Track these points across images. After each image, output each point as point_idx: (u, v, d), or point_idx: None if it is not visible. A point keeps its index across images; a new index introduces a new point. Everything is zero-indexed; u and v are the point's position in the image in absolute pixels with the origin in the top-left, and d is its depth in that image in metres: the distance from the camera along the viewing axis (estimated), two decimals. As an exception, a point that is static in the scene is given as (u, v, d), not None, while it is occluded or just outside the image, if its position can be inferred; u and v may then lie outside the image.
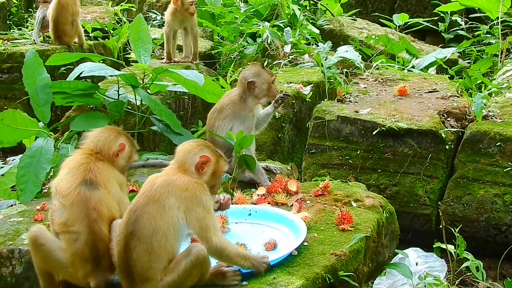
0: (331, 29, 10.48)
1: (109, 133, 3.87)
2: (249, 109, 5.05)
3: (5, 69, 8.34)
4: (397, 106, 6.51)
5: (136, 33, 6.22)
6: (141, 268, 3.35)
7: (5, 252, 4.01)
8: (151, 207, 3.36)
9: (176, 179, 3.44)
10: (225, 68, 9.55)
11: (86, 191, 3.55)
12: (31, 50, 5.62)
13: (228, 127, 5.01)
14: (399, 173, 6.03)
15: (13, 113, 5.12)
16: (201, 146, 3.64)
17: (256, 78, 5.04)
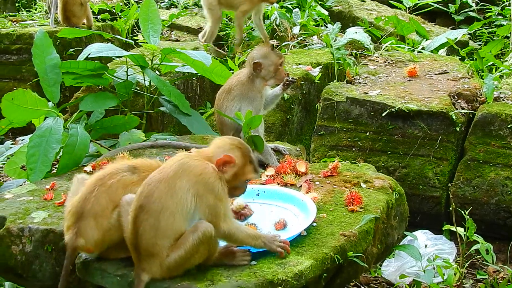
0: (340, 10, 10.41)
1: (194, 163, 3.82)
2: (257, 90, 5.02)
3: (14, 50, 8.33)
4: (407, 88, 6.47)
5: (145, 14, 6.19)
6: (146, 243, 3.34)
7: (15, 230, 4.01)
8: (163, 184, 3.35)
9: (193, 163, 3.40)
10: (233, 50, 9.51)
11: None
12: (40, 30, 5.60)
13: (236, 107, 4.98)
14: (408, 155, 6.01)
15: (23, 93, 5.10)
16: (233, 146, 3.55)
17: (263, 60, 5.00)
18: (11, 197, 4.47)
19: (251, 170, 3.59)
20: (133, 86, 5.91)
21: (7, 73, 8.37)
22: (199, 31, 9.95)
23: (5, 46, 8.39)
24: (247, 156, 3.56)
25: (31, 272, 3.99)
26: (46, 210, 4.18)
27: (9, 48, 8.37)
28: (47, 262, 3.95)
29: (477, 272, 5.46)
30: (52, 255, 3.94)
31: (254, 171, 3.60)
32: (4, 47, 8.39)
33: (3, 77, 8.40)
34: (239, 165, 3.51)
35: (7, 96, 5.00)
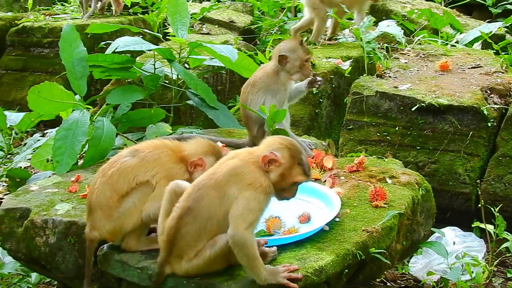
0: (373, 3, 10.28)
1: (202, 146, 3.80)
2: (282, 82, 4.97)
3: (46, 43, 8.41)
4: (438, 82, 6.37)
5: (174, 7, 6.18)
6: (185, 244, 3.32)
7: (39, 222, 4.04)
8: (214, 192, 3.29)
9: (245, 171, 3.31)
10: (265, 43, 9.47)
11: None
12: (68, 23, 5.62)
13: (260, 100, 4.95)
14: (438, 150, 5.92)
15: (50, 86, 5.13)
16: (281, 145, 3.40)
17: (290, 53, 4.95)
18: (36, 189, 4.50)
19: (300, 173, 3.40)
20: (161, 80, 5.91)
21: (39, 66, 8.45)
22: (230, 24, 9.95)
23: (37, 40, 8.47)
24: (296, 157, 3.39)
25: (54, 264, 4.02)
26: (70, 202, 4.20)
27: (41, 42, 8.45)
28: (70, 254, 3.97)
29: (507, 271, 5.36)
30: (75, 247, 3.95)
31: (303, 174, 3.41)
32: (37, 40, 8.48)
33: (35, 70, 8.49)
34: (286, 166, 3.36)
35: (34, 89, 5.04)
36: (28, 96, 5.04)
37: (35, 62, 8.51)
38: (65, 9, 10.26)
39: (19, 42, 8.60)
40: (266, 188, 3.32)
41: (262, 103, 4.93)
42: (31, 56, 8.54)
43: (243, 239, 3.23)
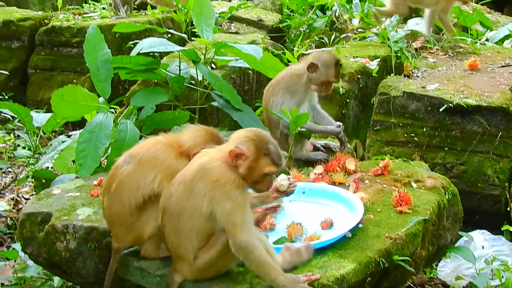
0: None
1: (199, 135, 3.72)
2: (302, 85, 4.93)
3: (74, 43, 8.44)
4: (466, 82, 6.27)
5: (199, 8, 6.14)
6: (171, 245, 3.36)
7: (60, 227, 4.04)
8: (182, 187, 3.31)
9: (211, 166, 3.31)
10: (294, 41, 9.41)
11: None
12: (92, 25, 5.62)
13: (280, 101, 4.93)
14: (467, 151, 5.82)
15: (73, 89, 5.13)
16: (246, 137, 3.37)
17: (321, 66, 4.88)
18: (59, 192, 4.50)
19: (268, 163, 3.34)
20: (186, 81, 5.88)
21: (67, 66, 8.49)
22: (258, 23, 9.91)
23: (66, 39, 8.51)
24: (262, 148, 3.34)
25: (75, 269, 4.02)
26: (91, 207, 4.20)
27: (70, 41, 8.49)
28: (90, 260, 3.97)
29: (538, 275, 5.26)
30: (95, 252, 3.96)
31: (272, 164, 3.35)
32: (65, 40, 8.52)
33: (64, 69, 8.54)
34: (253, 158, 3.32)
35: (57, 92, 5.03)
36: (52, 99, 5.04)
37: (64, 62, 8.54)
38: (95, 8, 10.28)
39: (48, 42, 8.65)
40: (235, 181, 3.29)
41: (281, 103, 4.89)
42: (59, 55, 8.58)
43: (243, 245, 3.22)
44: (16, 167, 7.18)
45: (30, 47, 8.85)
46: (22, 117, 5.97)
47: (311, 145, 5.08)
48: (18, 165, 7.18)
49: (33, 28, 8.89)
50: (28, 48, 8.85)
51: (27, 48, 8.85)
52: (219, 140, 3.70)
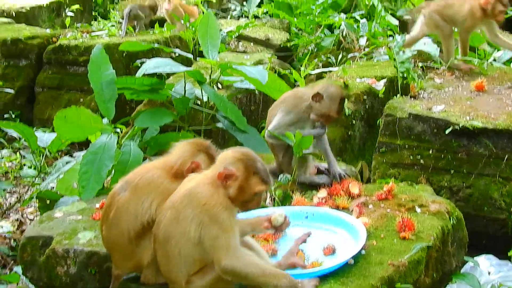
0: (411, 20, 10.15)
1: (187, 149, 3.72)
2: (302, 108, 4.89)
3: (81, 62, 8.43)
4: (473, 103, 6.22)
5: (204, 29, 6.15)
6: (163, 269, 3.36)
7: (61, 251, 4.04)
8: (170, 212, 3.32)
9: (199, 190, 3.30)
10: (301, 60, 9.40)
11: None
12: (97, 45, 5.63)
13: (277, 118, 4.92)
14: (473, 174, 5.76)
15: (77, 110, 5.13)
16: (234, 158, 3.38)
17: (326, 98, 4.83)
18: (60, 215, 4.50)
19: (257, 182, 3.35)
20: (192, 101, 5.88)
21: (74, 84, 8.49)
22: (266, 42, 9.90)
23: (73, 58, 8.51)
24: (251, 167, 3.35)
25: (75, 294, 4.00)
26: (93, 231, 4.19)
27: (77, 60, 8.48)
28: (90, 285, 3.98)
29: (546, 302, 5.19)
30: (96, 277, 3.95)
31: (261, 183, 3.36)
32: (73, 58, 8.52)
33: (71, 88, 8.53)
34: (242, 178, 3.32)
35: (60, 113, 5.04)
36: (55, 121, 5.04)
37: (71, 80, 8.54)
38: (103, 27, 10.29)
39: (56, 60, 8.65)
40: (223, 204, 3.28)
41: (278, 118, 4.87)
42: (67, 74, 8.58)
43: (229, 269, 3.22)
44: (22, 187, 7.17)
45: (37, 65, 8.84)
46: (27, 137, 5.98)
47: (315, 168, 5.05)
48: (23, 185, 7.17)
49: (41, 46, 8.89)
50: (36, 66, 8.85)
51: (35, 66, 8.85)
52: (207, 148, 3.70)
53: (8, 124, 6.04)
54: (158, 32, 9.45)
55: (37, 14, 12.14)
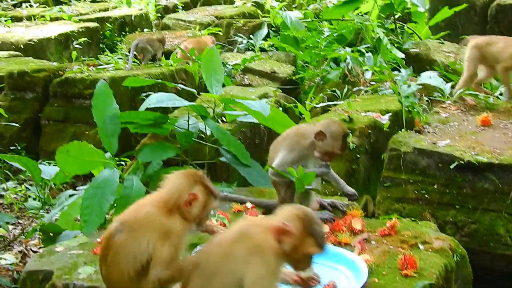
0: (417, 53, 10.16)
1: (183, 181, 3.69)
2: (304, 146, 4.84)
3: (87, 95, 8.46)
4: (478, 138, 6.19)
5: (208, 63, 6.18)
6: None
7: (60, 286, 4.00)
8: (221, 248, 3.30)
9: (254, 231, 3.32)
10: (307, 93, 9.42)
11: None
12: (101, 80, 5.67)
13: (279, 156, 4.89)
14: (478, 209, 5.71)
15: (79, 145, 5.13)
16: (294, 215, 3.34)
17: (329, 137, 4.75)
18: (62, 250, 4.47)
19: (312, 244, 3.30)
20: (195, 135, 5.89)
21: (80, 117, 8.52)
22: (271, 75, 9.93)
23: (79, 91, 8.56)
24: (309, 228, 3.30)
25: (74, 331, 3.96)
26: (93, 265, 4.15)
27: (83, 93, 8.53)
28: (88, 321, 3.92)
29: None
30: (95, 313, 3.90)
31: (316, 246, 3.31)
32: (78, 91, 8.56)
33: (76, 120, 8.57)
34: (299, 237, 3.27)
35: (62, 148, 5.04)
36: (57, 156, 5.05)
37: (77, 113, 8.58)
38: (110, 60, 10.38)
39: (61, 93, 8.69)
40: (276, 250, 3.24)
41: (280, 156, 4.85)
42: (72, 107, 8.63)
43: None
44: (26, 219, 7.17)
45: (43, 98, 8.90)
46: (31, 170, 5.96)
47: (318, 203, 5.02)
48: (28, 217, 7.17)
49: (47, 79, 8.95)
50: (42, 99, 8.91)
51: (41, 99, 8.91)
52: (201, 178, 3.65)
53: (12, 158, 6.04)
54: (164, 65, 9.50)
55: (45, 46, 12.29)
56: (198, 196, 3.58)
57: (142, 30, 14.64)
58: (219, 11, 14.90)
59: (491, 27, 12.09)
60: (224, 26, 13.38)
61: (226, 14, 14.51)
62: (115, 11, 15.74)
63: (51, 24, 13.60)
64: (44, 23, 13.91)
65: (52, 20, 14.37)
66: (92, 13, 15.62)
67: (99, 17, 14.84)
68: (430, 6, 12.28)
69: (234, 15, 14.50)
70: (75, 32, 12.93)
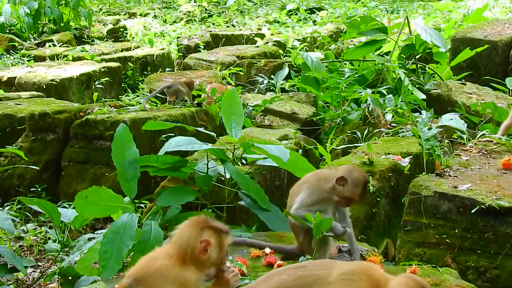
0: (439, 94, 10.14)
1: (191, 231, 3.68)
2: (325, 190, 4.85)
3: (108, 136, 8.47)
4: (500, 182, 6.13)
5: (228, 107, 6.19)
6: None
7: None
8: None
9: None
10: (328, 134, 9.41)
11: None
12: (121, 124, 5.68)
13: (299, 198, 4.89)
14: (500, 255, 5.64)
15: (98, 190, 5.13)
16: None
17: (350, 182, 4.81)
18: (79, 296, 4.45)
19: None
20: (214, 179, 5.88)
21: (100, 158, 8.50)
22: (292, 116, 9.93)
23: (99, 132, 8.55)
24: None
25: None
26: (110, 313, 4.13)
27: (103, 134, 8.52)
28: None
29: None
30: None
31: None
32: (99, 133, 8.56)
33: (97, 162, 8.54)
34: None
35: (81, 194, 5.04)
36: (75, 201, 5.05)
37: (97, 155, 8.55)
38: (131, 100, 10.44)
39: (82, 135, 8.68)
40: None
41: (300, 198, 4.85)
42: (93, 148, 8.60)
43: None
44: (46, 261, 7.17)
45: (64, 139, 8.89)
46: (50, 214, 5.97)
47: (336, 248, 4.99)
48: (47, 259, 7.17)
49: (68, 120, 8.95)
50: (63, 141, 8.90)
51: (62, 140, 8.89)
52: (208, 222, 3.65)
53: (31, 201, 6.05)
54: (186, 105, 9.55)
55: (67, 86, 12.37)
56: (210, 241, 3.57)
57: (164, 70, 14.72)
58: (241, 51, 14.95)
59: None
60: (246, 66, 13.42)
61: (247, 54, 14.54)
62: (137, 50, 15.82)
63: (74, 64, 13.68)
64: (66, 63, 14.00)
65: (75, 59, 14.46)
66: (114, 52, 15.69)
67: (121, 57, 14.90)
68: (451, 46, 12.27)
69: (255, 54, 14.53)
70: (97, 72, 12.98)
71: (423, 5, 22.34)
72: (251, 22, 20.14)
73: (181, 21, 21.06)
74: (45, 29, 17.78)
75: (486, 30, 12.80)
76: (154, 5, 23.62)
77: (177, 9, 23.13)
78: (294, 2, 22.12)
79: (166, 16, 21.68)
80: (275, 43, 15.90)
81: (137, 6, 23.58)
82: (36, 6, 17.27)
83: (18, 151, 7.50)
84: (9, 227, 5.76)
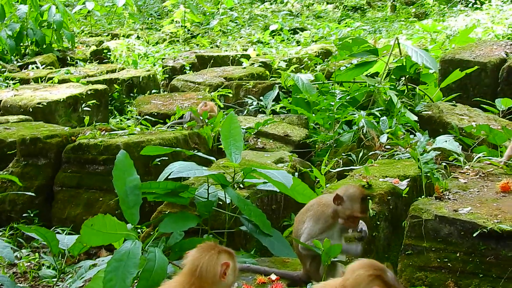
0: (430, 115, 10.18)
1: (209, 256, 3.67)
2: (328, 215, 4.91)
3: (101, 161, 8.42)
4: (499, 205, 6.14)
5: (227, 131, 6.16)
6: None
7: None
8: None
9: None
10: (320, 156, 9.41)
11: None
12: (122, 151, 5.63)
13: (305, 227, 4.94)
14: (502, 278, 5.62)
15: (103, 218, 5.08)
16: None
17: (347, 200, 4.88)
18: (84, 326, 4.39)
19: None
20: (214, 204, 5.85)
21: (93, 183, 8.43)
22: (285, 138, 9.93)
23: (92, 157, 8.47)
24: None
25: None
26: None
27: (96, 159, 8.44)
28: None
29: None
30: None
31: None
32: (92, 157, 8.47)
33: (90, 187, 8.46)
34: None
35: (87, 222, 4.99)
36: (82, 230, 5.00)
37: (90, 179, 8.47)
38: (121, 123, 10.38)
39: (75, 159, 8.59)
40: None
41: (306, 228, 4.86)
42: (86, 173, 8.52)
43: None
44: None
45: (56, 164, 8.81)
46: (49, 241, 5.89)
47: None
48: (42, 286, 7.08)
49: (59, 145, 8.87)
50: (54, 165, 8.81)
51: (54, 165, 8.81)
52: (219, 246, 3.66)
53: (28, 229, 5.96)
54: (178, 129, 9.52)
55: (54, 109, 12.30)
56: (229, 263, 3.59)
57: (150, 91, 14.70)
58: (228, 72, 14.96)
59: (502, 89, 12.16)
60: (234, 88, 13.43)
61: (235, 75, 14.55)
62: (122, 72, 15.75)
63: (59, 87, 13.57)
64: (52, 85, 13.92)
65: (60, 82, 14.36)
66: (100, 74, 15.62)
67: (107, 79, 14.83)
68: (440, 67, 12.34)
69: (243, 76, 14.55)
70: (83, 95, 12.88)
71: (406, 26, 22.51)
72: (235, 43, 20.18)
73: (164, 42, 21.05)
74: (28, 51, 17.72)
75: (474, 51, 12.90)
76: (136, 26, 23.59)
77: (159, 30, 23.13)
78: (277, 23, 22.20)
79: (148, 37, 21.66)
80: (261, 64, 15.93)
81: (119, 27, 23.53)
82: (18, 28, 17.22)
83: (12, 177, 7.45)
84: (8, 255, 5.67)
